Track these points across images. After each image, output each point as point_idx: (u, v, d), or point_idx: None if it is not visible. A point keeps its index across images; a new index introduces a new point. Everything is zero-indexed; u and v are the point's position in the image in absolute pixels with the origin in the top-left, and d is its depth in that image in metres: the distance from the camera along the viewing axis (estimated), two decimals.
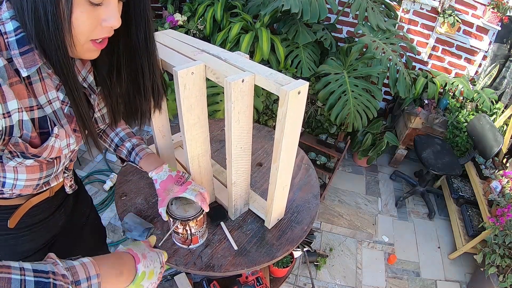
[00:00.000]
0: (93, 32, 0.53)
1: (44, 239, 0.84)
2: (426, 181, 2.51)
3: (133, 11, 0.59)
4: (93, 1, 0.49)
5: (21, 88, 0.54)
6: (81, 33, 0.52)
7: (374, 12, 2.19)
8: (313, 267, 2.01)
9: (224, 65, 0.75)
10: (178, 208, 0.85)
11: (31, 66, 0.53)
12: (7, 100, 0.51)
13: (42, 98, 0.58)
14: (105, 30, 0.54)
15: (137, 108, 0.74)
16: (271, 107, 2.25)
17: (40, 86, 0.57)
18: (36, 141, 0.59)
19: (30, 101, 0.56)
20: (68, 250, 0.93)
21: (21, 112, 0.54)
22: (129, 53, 0.65)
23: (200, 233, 0.90)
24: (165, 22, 2.40)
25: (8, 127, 0.53)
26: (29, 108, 0.56)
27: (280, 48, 2.10)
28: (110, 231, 2.02)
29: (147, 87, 0.70)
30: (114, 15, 0.53)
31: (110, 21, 0.53)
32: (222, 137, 1.40)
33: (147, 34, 0.63)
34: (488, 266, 1.73)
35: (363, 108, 2.16)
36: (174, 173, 0.86)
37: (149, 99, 0.74)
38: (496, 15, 2.34)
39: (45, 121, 0.59)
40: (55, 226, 0.86)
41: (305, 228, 1.01)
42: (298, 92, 0.65)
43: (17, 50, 0.52)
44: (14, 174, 0.62)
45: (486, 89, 2.52)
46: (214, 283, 1.38)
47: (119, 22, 0.54)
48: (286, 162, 0.81)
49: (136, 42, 0.63)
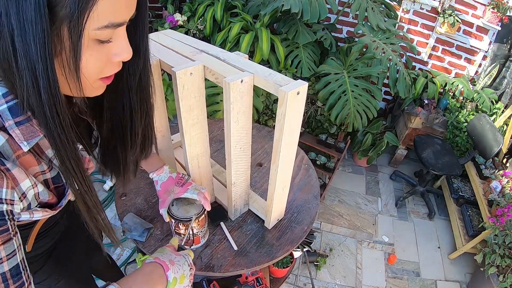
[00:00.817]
0: (104, 70, 0.46)
1: (47, 246, 0.82)
2: (426, 181, 2.51)
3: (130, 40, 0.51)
4: (103, 39, 0.42)
5: (29, 158, 0.49)
6: (91, 75, 0.45)
7: (374, 12, 2.19)
8: (313, 267, 2.01)
9: (223, 65, 0.75)
10: (179, 209, 0.85)
11: (32, 138, 0.46)
12: (20, 182, 0.46)
13: (49, 152, 0.53)
14: (115, 65, 0.48)
15: (117, 159, 0.65)
16: (271, 107, 2.25)
17: (45, 141, 0.52)
18: (53, 201, 0.56)
19: (41, 167, 0.51)
20: (68, 253, 0.93)
21: (36, 187, 0.50)
22: (115, 90, 0.55)
23: (202, 233, 0.90)
24: (165, 22, 2.40)
25: (26, 206, 0.49)
26: (40, 173, 0.51)
27: (280, 48, 2.10)
28: None
29: (136, 132, 0.60)
30: (126, 47, 0.46)
31: (123, 55, 0.46)
32: (222, 137, 1.40)
33: (143, 67, 0.54)
34: (488, 266, 1.73)
35: (363, 108, 2.16)
36: (174, 175, 0.86)
37: (135, 149, 0.63)
38: (496, 15, 2.34)
39: (59, 177, 0.55)
40: (57, 232, 0.85)
41: (305, 228, 1.01)
42: (297, 93, 0.65)
43: (12, 120, 0.44)
44: (29, 215, 0.57)
45: (486, 89, 2.52)
46: (214, 283, 1.38)
47: (131, 53, 0.47)
48: (286, 162, 0.81)
49: (127, 76, 0.54)
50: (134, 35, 0.50)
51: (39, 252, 0.80)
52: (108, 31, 0.41)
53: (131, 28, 0.49)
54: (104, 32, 0.40)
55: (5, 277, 0.45)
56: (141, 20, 0.50)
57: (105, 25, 0.40)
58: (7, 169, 0.44)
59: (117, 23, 0.41)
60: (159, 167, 0.87)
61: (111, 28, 0.41)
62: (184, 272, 0.65)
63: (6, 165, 0.44)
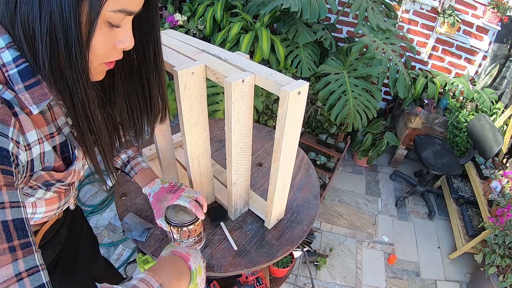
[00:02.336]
0: (108, 55, 0.49)
1: (50, 259, 0.81)
2: (426, 181, 2.51)
3: (143, 28, 0.56)
4: (114, 23, 0.45)
5: (37, 117, 0.50)
6: (97, 57, 0.47)
7: (374, 12, 2.19)
8: (313, 267, 2.01)
9: (224, 65, 0.75)
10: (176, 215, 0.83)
11: (42, 101, 0.47)
12: (26, 131, 0.46)
13: (51, 127, 0.54)
14: (117, 52, 0.50)
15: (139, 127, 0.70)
16: (271, 107, 2.25)
17: (49, 114, 0.53)
18: (61, 168, 0.56)
19: (49, 128, 0.52)
20: (71, 265, 0.92)
21: (42, 143, 0.50)
22: (130, 71, 0.61)
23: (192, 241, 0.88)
24: (165, 22, 2.40)
25: (29, 162, 0.48)
26: (49, 136, 0.52)
27: (280, 48, 2.10)
28: (110, 231, 2.02)
29: (155, 105, 0.67)
30: (129, 36, 0.49)
31: (126, 43, 0.49)
32: (222, 137, 1.40)
33: (157, 51, 0.59)
34: (488, 266, 1.73)
35: (363, 108, 2.16)
36: (166, 185, 0.85)
37: (156, 116, 0.70)
38: (496, 15, 2.34)
39: (66, 145, 0.56)
40: (59, 243, 0.85)
41: (305, 228, 1.01)
42: (298, 93, 0.65)
43: (21, 84, 0.45)
44: (32, 209, 0.59)
45: (486, 89, 2.52)
46: (214, 283, 1.38)
47: (133, 43, 0.50)
48: (286, 162, 0.81)
49: (143, 60, 0.59)
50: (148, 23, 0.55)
51: (46, 263, 0.79)
52: (120, 16, 0.45)
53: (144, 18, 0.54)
54: (117, 16, 0.44)
55: (7, 227, 0.39)
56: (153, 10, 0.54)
57: (120, 9, 0.44)
58: (15, 113, 0.45)
59: (130, 10, 0.46)
60: (151, 180, 0.86)
61: (124, 13, 0.45)
62: (200, 264, 0.64)
63: (15, 109, 0.45)
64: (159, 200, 0.82)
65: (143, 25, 0.55)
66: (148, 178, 0.87)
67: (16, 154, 0.44)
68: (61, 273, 0.87)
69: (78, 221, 0.99)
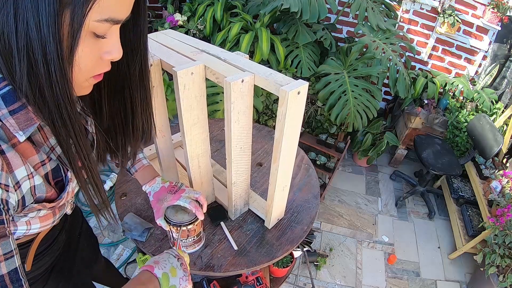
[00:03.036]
0: (94, 68, 0.45)
1: (47, 264, 0.81)
2: (426, 181, 2.51)
3: (129, 39, 0.51)
4: (99, 34, 0.41)
5: (26, 147, 0.46)
6: (82, 72, 0.43)
7: (374, 12, 2.19)
8: (313, 267, 2.01)
9: (223, 65, 0.75)
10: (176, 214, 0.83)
11: (28, 127, 0.44)
12: (14, 169, 0.43)
13: (45, 148, 0.51)
14: (105, 65, 0.47)
15: (118, 148, 0.66)
16: (271, 107, 2.25)
17: (40, 136, 0.50)
18: (53, 197, 0.54)
19: (40, 156, 0.49)
20: (69, 268, 0.92)
21: (32, 178, 0.47)
22: (114, 86, 0.56)
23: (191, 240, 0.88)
24: (165, 22, 2.40)
25: (20, 199, 0.46)
26: (40, 164, 0.49)
27: (280, 48, 2.10)
28: (110, 231, 2.02)
29: (137, 126, 0.62)
30: (117, 46, 0.45)
31: (113, 54, 0.45)
32: (222, 137, 1.40)
33: (143, 65, 0.55)
34: (488, 266, 1.73)
35: (363, 108, 2.16)
36: (167, 184, 0.85)
37: (138, 139, 0.66)
38: (496, 15, 2.34)
39: (58, 170, 0.53)
40: (58, 249, 0.84)
41: (305, 228, 1.01)
42: (298, 92, 0.65)
43: (5, 109, 0.41)
44: (26, 226, 0.56)
45: (486, 89, 2.52)
46: (214, 283, 1.38)
47: (121, 53, 0.46)
48: (286, 162, 0.81)
49: (127, 75, 0.54)
50: (134, 33, 0.51)
51: (40, 271, 0.78)
52: (106, 25, 0.41)
53: (131, 27, 0.50)
54: (102, 26, 0.40)
55: (4, 281, 0.40)
56: (142, 19, 0.50)
57: (105, 18, 0.40)
58: (2, 151, 0.42)
59: (116, 19, 0.41)
60: (151, 178, 0.86)
61: (110, 23, 0.41)
62: (173, 264, 0.64)
63: (1, 147, 0.42)
64: (159, 199, 0.82)
65: (129, 35, 0.51)
66: (149, 176, 0.86)
67: (6, 199, 0.42)
68: (59, 276, 0.86)
69: (77, 223, 0.98)
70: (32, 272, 0.75)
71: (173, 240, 0.87)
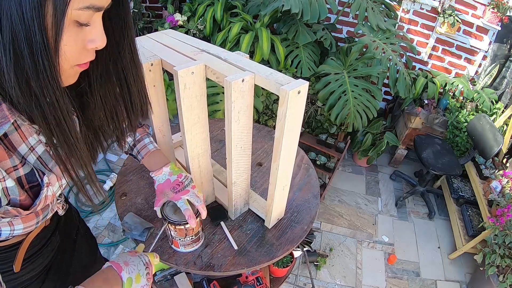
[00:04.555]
0: (79, 56, 0.46)
1: (42, 266, 0.80)
2: (426, 181, 2.51)
3: (114, 24, 0.52)
4: (82, 22, 0.42)
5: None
6: (67, 60, 0.43)
7: (374, 12, 2.19)
8: (313, 267, 2.01)
9: (224, 64, 0.75)
10: (175, 210, 0.84)
11: (1, 125, 0.43)
12: None
13: (23, 148, 0.50)
14: (90, 53, 0.47)
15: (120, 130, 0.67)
16: (271, 107, 2.25)
17: (17, 135, 0.49)
18: (27, 202, 0.53)
19: (12, 161, 0.49)
20: (66, 269, 0.90)
21: (4, 181, 0.47)
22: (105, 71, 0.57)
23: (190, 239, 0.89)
24: (165, 22, 2.40)
25: None
26: (12, 169, 0.49)
27: (280, 48, 2.10)
28: (110, 231, 2.02)
29: (135, 102, 0.64)
30: (101, 34, 0.46)
31: (97, 42, 0.46)
32: (222, 137, 1.40)
33: (132, 46, 0.56)
34: (488, 266, 1.73)
35: (363, 108, 2.16)
36: (173, 178, 0.84)
37: (137, 113, 0.67)
38: (496, 15, 2.34)
39: (33, 175, 0.53)
40: (52, 250, 0.83)
41: (305, 228, 1.01)
42: (298, 92, 0.65)
43: None
44: (10, 227, 0.56)
45: (486, 89, 2.53)
46: (214, 283, 1.38)
47: (105, 41, 0.47)
48: (286, 162, 0.81)
49: (118, 58, 0.55)
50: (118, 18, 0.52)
51: (35, 272, 0.78)
52: (88, 13, 0.41)
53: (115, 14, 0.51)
54: (85, 13, 0.41)
55: None
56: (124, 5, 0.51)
57: (87, 5, 0.40)
58: None
59: (98, 6, 0.42)
60: (159, 167, 0.86)
61: (92, 10, 0.41)
62: (140, 271, 0.65)
63: None
64: (161, 192, 0.83)
65: (114, 21, 0.52)
66: (156, 164, 0.86)
67: None
68: (56, 277, 0.85)
69: (73, 224, 0.96)
70: (25, 274, 0.74)
71: (171, 238, 0.87)
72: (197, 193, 0.83)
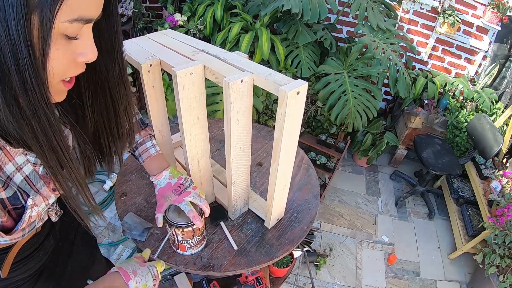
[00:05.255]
0: (68, 70, 0.44)
1: (34, 268, 0.78)
2: (426, 181, 2.51)
3: (103, 37, 0.50)
4: (70, 35, 0.40)
5: None
6: (55, 74, 0.41)
7: (374, 12, 2.19)
8: (313, 267, 2.01)
9: (223, 65, 0.75)
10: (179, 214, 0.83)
11: None
12: None
13: (10, 167, 0.48)
14: (79, 66, 0.45)
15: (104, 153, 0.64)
16: (271, 107, 2.25)
17: (3, 155, 0.47)
18: (9, 224, 0.51)
19: None
20: (61, 271, 0.89)
21: None
22: (95, 88, 0.55)
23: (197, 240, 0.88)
24: (165, 22, 2.40)
25: None
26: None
27: (280, 48, 2.10)
28: (110, 231, 2.02)
29: (122, 126, 0.61)
30: (91, 47, 0.44)
31: (88, 55, 0.44)
32: (222, 137, 1.40)
33: (120, 63, 0.53)
34: (488, 266, 1.73)
35: (363, 108, 2.16)
36: (174, 181, 0.84)
37: (124, 140, 0.64)
38: (496, 15, 2.34)
39: (16, 198, 0.51)
40: (45, 254, 0.80)
41: (305, 228, 1.01)
42: (297, 92, 0.65)
43: None
44: None
45: (486, 89, 2.52)
46: (214, 283, 1.39)
47: (96, 54, 0.45)
48: (285, 162, 0.81)
49: (106, 75, 0.53)
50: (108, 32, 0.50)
51: (26, 275, 0.76)
52: (77, 25, 0.40)
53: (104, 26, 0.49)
54: (73, 26, 0.39)
55: None
56: (114, 16, 0.49)
57: (75, 18, 0.38)
58: None
59: (87, 18, 0.40)
60: (159, 171, 0.85)
61: (80, 22, 0.40)
62: (147, 282, 0.64)
63: None
64: (163, 196, 0.82)
65: (103, 34, 0.49)
66: (155, 169, 0.85)
67: None
68: (49, 279, 0.83)
69: (70, 228, 0.94)
70: (13, 276, 0.72)
71: (177, 243, 0.87)
72: (199, 194, 0.84)
